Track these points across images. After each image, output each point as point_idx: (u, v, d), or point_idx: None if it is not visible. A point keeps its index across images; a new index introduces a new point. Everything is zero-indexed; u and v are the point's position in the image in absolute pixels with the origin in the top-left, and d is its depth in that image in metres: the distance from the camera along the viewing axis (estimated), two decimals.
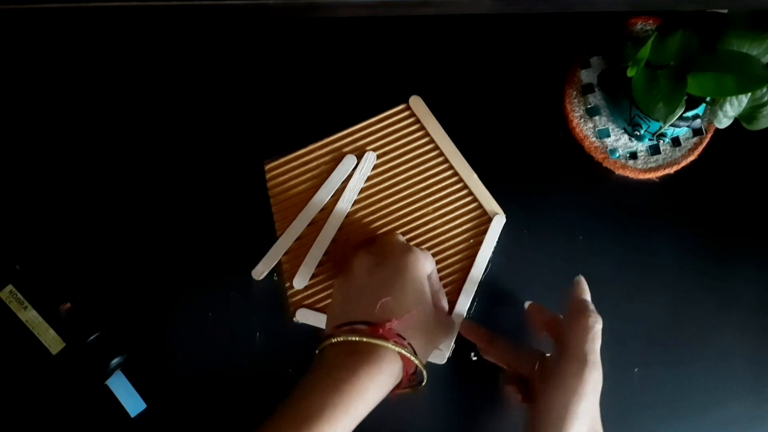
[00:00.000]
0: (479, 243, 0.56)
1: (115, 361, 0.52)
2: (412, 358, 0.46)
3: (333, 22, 0.57)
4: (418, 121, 0.57)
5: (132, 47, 0.57)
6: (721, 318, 0.57)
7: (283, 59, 0.57)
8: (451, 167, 0.57)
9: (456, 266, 0.57)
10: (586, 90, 0.57)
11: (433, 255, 0.55)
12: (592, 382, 0.45)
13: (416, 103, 0.57)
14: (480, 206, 0.57)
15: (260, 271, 0.55)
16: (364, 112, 0.57)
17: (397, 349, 0.45)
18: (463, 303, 0.56)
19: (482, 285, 0.56)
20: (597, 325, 0.47)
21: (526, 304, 0.55)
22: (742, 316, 0.57)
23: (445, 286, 0.56)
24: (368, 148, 0.56)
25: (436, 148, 0.57)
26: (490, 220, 0.56)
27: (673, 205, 0.58)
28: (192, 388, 0.54)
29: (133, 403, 0.52)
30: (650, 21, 0.57)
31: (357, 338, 0.45)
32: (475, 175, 0.56)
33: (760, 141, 0.57)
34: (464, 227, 0.57)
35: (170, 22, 0.56)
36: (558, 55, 0.58)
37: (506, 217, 0.56)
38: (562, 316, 0.51)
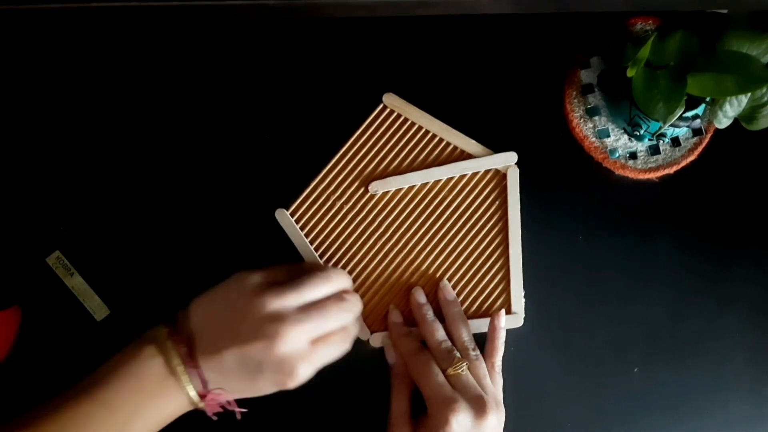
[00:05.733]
0: (504, 201, 0.56)
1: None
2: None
3: (323, 24, 0.57)
4: (400, 115, 0.57)
5: (132, 47, 0.57)
6: (721, 318, 0.57)
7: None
8: (448, 144, 0.57)
9: (492, 234, 0.56)
10: (585, 90, 0.57)
11: (467, 232, 0.56)
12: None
13: (390, 99, 0.57)
14: (490, 168, 0.57)
15: None
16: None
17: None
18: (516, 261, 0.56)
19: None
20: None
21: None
22: (741, 317, 0.57)
23: (490, 255, 0.56)
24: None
25: (427, 132, 0.57)
26: (504, 175, 0.56)
27: (673, 205, 0.58)
28: None
29: None
30: (650, 21, 0.57)
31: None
32: (472, 141, 0.57)
33: (760, 141, 0.57)
34: (484, 193, 0.57)
35: (170, 22, 0.56)
36: (558, 55, 0.58)
37: None
38: None
